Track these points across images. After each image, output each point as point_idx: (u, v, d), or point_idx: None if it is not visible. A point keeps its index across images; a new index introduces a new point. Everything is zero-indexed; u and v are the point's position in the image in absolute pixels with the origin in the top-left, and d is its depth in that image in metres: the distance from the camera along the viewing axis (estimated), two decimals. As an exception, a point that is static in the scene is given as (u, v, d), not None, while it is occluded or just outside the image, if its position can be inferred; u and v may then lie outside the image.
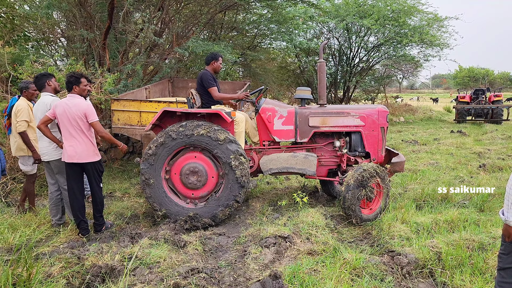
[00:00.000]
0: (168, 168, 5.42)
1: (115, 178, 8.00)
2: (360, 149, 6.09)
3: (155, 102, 7.37)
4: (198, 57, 12.27)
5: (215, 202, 5.37)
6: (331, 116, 6.00)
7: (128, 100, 7.38)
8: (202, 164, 5.39)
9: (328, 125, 5.99)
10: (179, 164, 5.40)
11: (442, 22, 17.51)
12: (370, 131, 6.04)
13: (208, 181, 5.41)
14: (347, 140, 6.09)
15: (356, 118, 6.03)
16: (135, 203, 6.22)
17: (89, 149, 4.77)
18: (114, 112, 7.31)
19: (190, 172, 5.35)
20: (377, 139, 6.06)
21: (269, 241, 4.56)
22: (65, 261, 4.00)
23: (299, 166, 5.75)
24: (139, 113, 7.29)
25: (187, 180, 5.37)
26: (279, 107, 6.00)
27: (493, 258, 3.92)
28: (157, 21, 10.43)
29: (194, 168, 5.36)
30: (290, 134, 5.98)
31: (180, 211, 5.36)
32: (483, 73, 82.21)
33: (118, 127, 7.40)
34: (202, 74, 5.86)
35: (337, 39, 18.87)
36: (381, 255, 4.25)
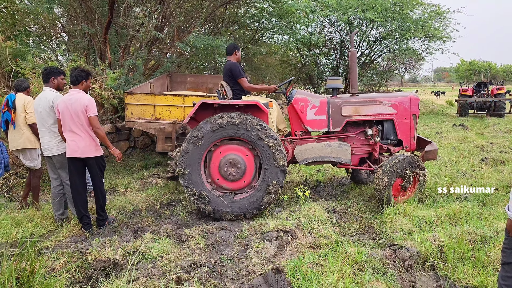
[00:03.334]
0: (205, 161, 5.44)
1: (117, 173, 8.01)
2: (392, 137, 6.16)
3: (170, 96, 7.36)
4: (199, 51, 12.25)
5: (258, 192, 5.40)
6: (363, 104, 6.04)
7: (142, 93, 7.37)
8: (240, 155, 5.42)
9: (360, 114, 6.03)
10: (217, 157, 5.42)
11: (444, 15, 17.39)
12: (402, 119, 6.10)
13: (247, 172, 5.45)
14: (379, 128, 6.12)
15: (388, 106, 6.08)
16: (137, 198, 6.23)
17: (91, 144, 4.77)
18: (128, 106, 7.30)
19: (229, 164, 5.38)
20: (409, 127, 6.13)
21: (271, 235, 4.57)
22: (68, 256, 4.01)
23: (334, 155, 5.76)
24: (153, 106, 7.29)
25: (226, 172, 5.40)
26: (311, 97, 6.01)
27: (495, 251, 3.92)
28: (158, 16, 10.40)
29: (233, 160, 5.39)
30: (323, 124, 6.01)
31: (220, 203, 5.38)
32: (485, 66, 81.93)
33: (132, 121, 7.39)
34: (230, 64, 5.71)
35: (339, 33, 18.79)
36: (383, 248, 4.25)
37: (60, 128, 4.81)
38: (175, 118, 7.44)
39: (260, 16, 14.11)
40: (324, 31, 18.77)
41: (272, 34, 16.08)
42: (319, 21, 18.06)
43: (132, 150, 9.78)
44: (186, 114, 7.48)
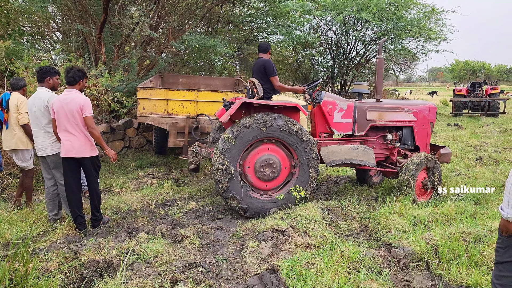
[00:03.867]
0: (241, 161, 5.46)
1: (111, 173, 7.97)
2: (410, 143, 6.49)
3: (183, 91, 7.39)
4: (194, 51, 12.22)
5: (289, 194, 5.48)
6: (387, 111, 6.31)
7: (155, 88, 7.38)
8: (275, 155, 5.49)
9: (384, 119, 6.29)
10: (252, 157, 5.46)
11: (439, 15, 17.45)
12: (421, 126, 6.45)
13: (282, 172, 5.54)
14: (399, 134, 6.42)
15: (409, 113, 6.40)
16: (132, 198, 6.20)
17: (86, 144, 4.74)
18: (140, 101, 7.29)
19: (265, 164, 5.44)
20: (426, 134, 6.48)
21: (267, 235, 4.57)
22: (62, 256, 3.98)
23: (360, 158, 5.89)
24: (166, 101, 7.29)
25: (261, 173, 5.45)
26: (339, 101, 6.15)
27: (489, 250, 3.94)
28: (153, 15, 10.37)
29: (269, 160, 5.45)
30: (348, 127, 6.18)
31: (255, 204, 5.41)
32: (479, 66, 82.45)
33: (144, 116, 7.39)
34: (265, 61, 5.70)
35: (334, 33, 18.79)
36: (378, 248, 4.26)
37: (55, 127, 4.78)
38: (188, 113, 7.43)
39: (256, 16, 14.09)
40: (320, 31, 18.78)
41: (268, 34, 16.06)
42: (314, 21, 18.06)
43: (127, 150, 9.75)
44: (199, 109, 7.53)
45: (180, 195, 6.59)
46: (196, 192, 6.79)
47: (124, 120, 9.63)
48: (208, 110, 7.68)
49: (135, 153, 9.70)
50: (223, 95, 7.84)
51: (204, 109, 7.71)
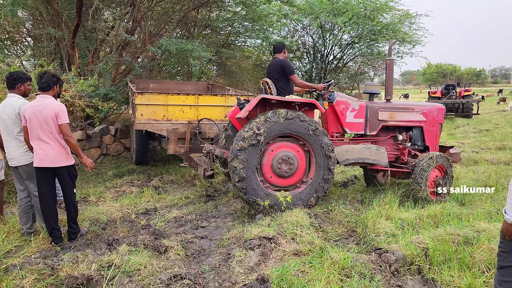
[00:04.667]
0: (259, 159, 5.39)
1: (88, 181, 7.68)
2: (419, 143, 6.59)
3: (183, 95, 7.17)
4: (172, 55, 12.00)
5: (310, 188, 5.50)
6: (398, 111, 6.41)
7: (153, 93, 7.10)
8: (292, 152, 5.47)
9: (395, 119, 6.38)
10: (270, 154, 5.41)
11: (413, 19, 17.72)
12: (430, 127, 6.56)
13: (299, 168, 5.51)
14: (409, 134, 6.52)
15: (419, 114, 6.52)
16: (111, 208, 5.94)
17: (61, 153, 4.49)
18: (138, 107, 6.98)
19: (282, 161, 5.41)
20: (435, 134, 6.60)
21: (254, 242, 4.42)
22: (37, 273, 3.74)
23: (373, 158, 5.95)
24: (165, 106, 7.05)
25: (279, 169, 5.41)
26: (351, 101, 6.20)
27: (479, 252, 3.90)
28: (128, 19, 10.11)
29: (286, 156, 5.42)
30: (360, 127, 6.23)
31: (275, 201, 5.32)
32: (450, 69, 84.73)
33: (142, 122, 7.09)
34: (282, 61, 5.77)
35: (311, 37, 18.87)
36: (368, 253, 4.17)
37: (27, 136, 4.51)
38: (188, 118, 7.20)
39: (233, 20, 13.97)
40: (297, 35, 18.82)
41: (245, 38, 15.97)
42: (291, 25, 18.09)
43: (104, 158, 9.45)
44: (199, 114, 7.31)
45: (161, 203, 6.38)
46: (177, 199, 6.59)
47: (101, 126, 9.34)
48: (208, 115, 7.47)
49: (112, 160, 9.41)
50: (223, 99, 7.67)
51: (205, 113, 7.47)
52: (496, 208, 5.40)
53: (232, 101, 7.72)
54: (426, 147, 6.62)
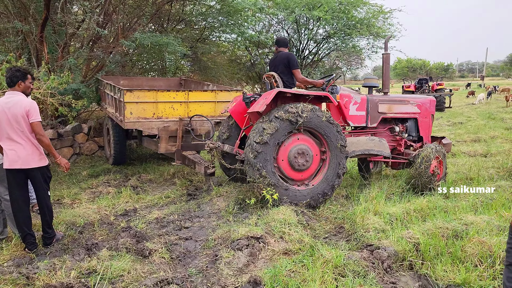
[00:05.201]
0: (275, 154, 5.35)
1: (61, 182, 7.32)
2: (414, 134, 6.82)
3: (173, 91, 6.97)
4: (146, 50, 11.64)
5: (325, 180, 5.50)
6: (396, 103, 6.61)
7: (143, 90, 6.81)
8: (306, 145, 5.45)
9: (393, 111, 6.58)
10: (285, 149, 5.36)
11: (386, 14, 17.86)
12: (423, 118, 6.79)
13: (314, 160, 5.49)
14: (405, 125, 6.72)
15: (414, 106, 6.74)
16: (88, 210, 5.65)
17: (34, 153, 4.20)
18: (127, 105, 6.66)
19: (298, 154, 5.38)
20: (428, 125, 6.85)
21: (241, 243, 4.27)
22: (11, 283, 3.49)
23: (377, 149, 6.08)
24: (155, 104, 6.82)
25: (296, 163, 5.37)
26: (353, 94, 6.31)
27: (470, 246, 3.87)
28: (99, 12, 9.71)
29: (301, 149, 5.40)
30: (362, 120, 6.37)
31: (296, 195, 5.33)
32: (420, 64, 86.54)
33: (131, 121, 6.78)
34: (288, 54, 5.78)
35: (287, 31, 18.76)
36: (360, 250, 4.09)
37: None
38: (179, 115, 6.99)
39: (207, 14, 13.69)
40: (272, 30, 18.68)
41: (220, 32, 15.70)
42: (266, 19, 17.93)
43: (77, 157, 9.07)
44: (190, 111, 7.13)
45: (141, 204, 6.13)
46: (157, 199, 6.34)
47: (73, 125, 8.94)
48: (199, 111, 7.28)
49: (86, 160, 9.04)
50: (213, 94, 7.49)
51: (195, 110, 7.28)
52: (480, 201, 5.42)
53: (223, 96, 7.54)
54: (420, 138, 6.82)
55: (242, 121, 6.18)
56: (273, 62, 5.96)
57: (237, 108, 6.14)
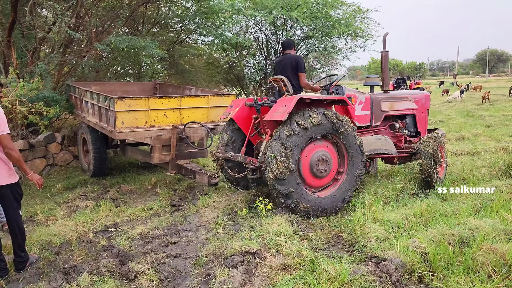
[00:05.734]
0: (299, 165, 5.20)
1: (34, 197, 6.81)
2: (412, 129, 6.90)
3: (165, 98, 6.64)
4: (121, 54, 11.17)
5: (344, 186, 5.38)
6: (396, 100, 6.65)
7: (134, 98, 6.43)
8: (327, 151, 5.35)
9: (394, 109, 6.61)
10: (307, 155, 5.20)
11: (363, 14, 17.85)
12: (420, 113, 6.88)
13: (333, 167, 5.40)
14: (405, 122, 6.79)
15: (412, 102, 6.81)
16: (64, 227, 5.17)
17: (2, 169, 3.76)
18: (118, 115, 6.25)
19: (320, 160, 5.25)
20: (425, 120, 6.97)
21: (236, 259, 3.94)
22: (-22, 319, 3.06)
23: (385, 148, 6.05)
24: (147, 112, 6.46)
25: (318, 170, 5.24)
26: (358, 94, 6.25)
27: (481, 254, 3.64)
28: (71, 14, 9.21)
29: (323, 156, 5.28)
30: (367, 119, 6.35)
31: (330, 200, 5.24)
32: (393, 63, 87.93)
33: (123, 132, 6.36)
34: (297, 57, 5.74)
35: (264, 33, 18.52)
36: (365, 263, 3.81)
37: None
38: (172, 123, 6.66)
39: (184, 16, 13.31)
40: (249, 32, 18.41)
41: (197, 35, 15.34)
42: (243, 21, 17.64)
43: (51, 169, 8.53)
44: (182, 118, 6.79)
45: (122, 218, 5.70)
46: (140, 212, 5.92)
47: (45, 134, 8.41)
48: (192, 117, 6.95)
49: (60, 171, 8.51)
50: (205, 100, 7.15)
51: (188, 116, 6.94)
52: (479, 202, 5.25)
53: (215, 101, 7.23)
54: (418, 133, 6.91)
55: (246, 127, 5.98)
56: (279, 65, 5.84)
57: (240, 113, 5.94)
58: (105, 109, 6.68)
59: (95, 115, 7.32)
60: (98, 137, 7.73)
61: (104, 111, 6.82)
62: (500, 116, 15.37)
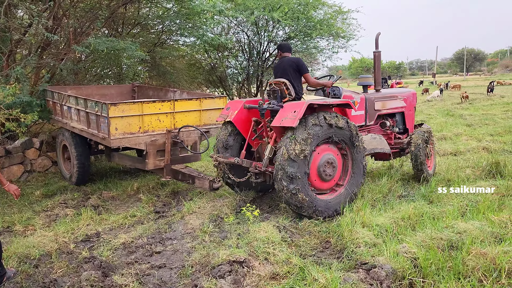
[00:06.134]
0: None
1: (11, 205, 6.56)
2: (401, 127, 7.09)
3: (159, 102, 6.51)
4: (100, 56, 10.91)
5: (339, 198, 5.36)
6: (388, 99, 6.82)
7: (128, 103, 6.27)
8: (336, 159, 5.39)
9: (386, 107, 6.78)
10: (316, 158, 5.20)
11: (345, 15, 17.92)
12: (408, 111, 7.12)
13: (338, 170, 5.45)
14: (395, 119, 6.97)
15: (401, 100, 7.01)
16: (43, 238, 4.97)
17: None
18: (111, 121, 6.06)
19: (327, 163, 5.28)
20: (412, 117, 7.21)
21: (223, 268, 3.84)
22: None
23: (380, 147, 6.11)
24: (141, 117, 6.31)
25: (325, 173, 5.28)
26: (354, 94, 6.32)
27: (470, 258, 3.62)
28: (48, 16, 8.94)
29: (331, 159, 5.31)
30: (362, 119, 6.42)
31: (325, 205, 5.19)
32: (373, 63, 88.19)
33: (117, 138, 6.16)
34: (297, 59, 5.75)
35: (246, 34, 18.42)
36: (355, 270, 3.75)
37: None
38: (165, 127, 6.53)
39: (164, 17, 13.11)
40: (231, 32, 18.28)
41: (178, 36, 15.14)
42: (225, 22, 17.51)
43: (28, 175, 8.26)
44: (176, 122, 6.68)
45: (104, 226, 5.52)
46: (122, 219, 5.75)
47: (22, 140, 8.14)
48: (185, 121, 6.84)
49: (39, 177, 8.24)
50: (197, 103, 7.04)
51: (181, 120, 6.82)
52: (465, 204, 5.26)
53: (207, 104, 7.15)
54: (406, 130, 7.13)
55: (245, 130, 5.93)
56: (278, 68, 5.79)
57: (239, 116, 5.85)
58: (95, 115, 6.49)
59: (81, 121, 7.08)
60: (81, 144, 7.53)
61: (93, 117, 6.62)
62: (479, 115, 15.61)
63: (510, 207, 4.97)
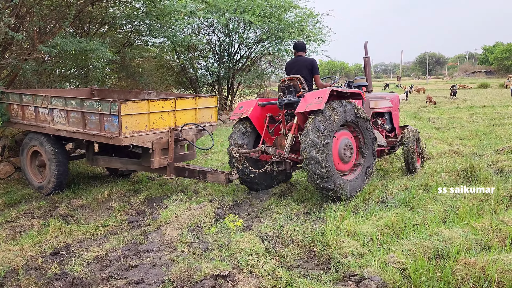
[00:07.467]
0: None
1: (-30, 216, 6.10)
2: (389, 126, 7.67)
3: (162, 100, 6.50)
4: (67, 56, 10.43)
5: (363, 170, 6.20)
6: (379, 100, 7.46)
7: (136, 101, 6.12)
8: (348, 138, 6.04)
9: (378, 107, 7.38)
10: (336, 142, 5.80)
11: (315, 18, 18.03)
12: (394, 111, 7.75)
13: (354, 153, 6.12)
14: (385, 118, 7.60)
15: (389, 101, 7.65)
16: (8, 252, 4.59)
17: None
18: (123, 119, 5.94)
19: (346, 147, 5.92)
20: (398, 118, 7.87)
21: (206, 284, 3.64)
22: None
23: (379, 141, 6.73)
24: (147, 115, 6.26)
25: (345, 155, 5.91)
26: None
27: (459, 268, 3.58)
28: (11, 13, 8.44)
29: (349, 143, 5.98)
30: None
31: (350, 185, 5.85)
32: (339, 65, 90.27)
33: (128, 137, 6.04)
34: (312, 60, 6.30)
35: (217, 35, 18.21)
36: (344, 282, 3.64)
37: None
38: (167, 125, 6.55)
39: (133, 16, 12.71)
40: (202, 34, 18.02)
41: (147, 36, 14.75)
42: (196, 23, 17.23)
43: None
44: (176, 120, 6.71)
45: (74, 238, 5.20)
46: (94, 230, 5.44)
47: (-18, 145, 7.64)
48: (184, 119, 6.86)
49: (1, 185, 7.75)
50: (193, 101, 7.10)
51: (181, 118, 6.85)
52: (445, 210, 5.28)
53: (201, 102, 7.21)
54: (393, 128, 7.73)
55: (260, 126, 6.42)
56: (292, 65, 6.34)
57: (254, 113, 6.34)
58: (98, 115, 6.17)
59: (72, 123, 6.65)
60: (60, 148, 7.18)
61: (93, 117, 6.32)
62: (446, 118, 16.01)
63: (489, 213, 5.00)
